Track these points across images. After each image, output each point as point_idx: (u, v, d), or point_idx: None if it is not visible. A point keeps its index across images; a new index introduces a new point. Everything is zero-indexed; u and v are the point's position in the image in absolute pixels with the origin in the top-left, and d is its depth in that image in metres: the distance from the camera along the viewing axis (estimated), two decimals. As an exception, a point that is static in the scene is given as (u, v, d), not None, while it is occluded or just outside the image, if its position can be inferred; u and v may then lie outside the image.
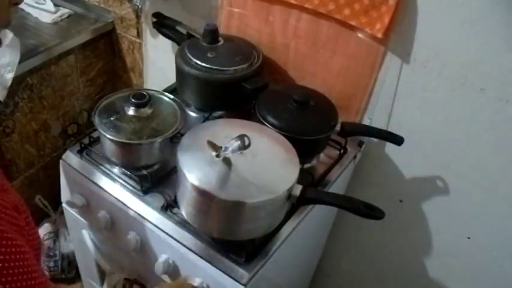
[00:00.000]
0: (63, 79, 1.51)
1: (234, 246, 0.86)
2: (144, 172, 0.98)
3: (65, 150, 1.06)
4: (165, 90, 1.15)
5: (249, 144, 0.78)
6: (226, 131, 0.86)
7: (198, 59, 1.08)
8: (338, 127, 1.04)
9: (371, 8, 0.98)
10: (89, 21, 1.54)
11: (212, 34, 1.13)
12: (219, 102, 1.14)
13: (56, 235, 1.68)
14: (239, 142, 0.78)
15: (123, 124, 0.95)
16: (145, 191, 0.96)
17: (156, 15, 1.30)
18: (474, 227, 1.12)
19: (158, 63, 1.54)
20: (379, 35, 0.99)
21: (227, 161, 0.81)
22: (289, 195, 0.84)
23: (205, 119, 1.14)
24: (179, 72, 1.12)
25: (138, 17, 1.48)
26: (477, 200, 1.08)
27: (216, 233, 0.86)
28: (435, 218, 1.19)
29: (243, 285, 0.83)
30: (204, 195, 0.79)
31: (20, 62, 1.31)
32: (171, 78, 1.19)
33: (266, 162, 0.84)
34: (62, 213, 1.56)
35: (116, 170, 1.01)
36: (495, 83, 0.93)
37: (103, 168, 1.02)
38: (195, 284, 0.88)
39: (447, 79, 0.98)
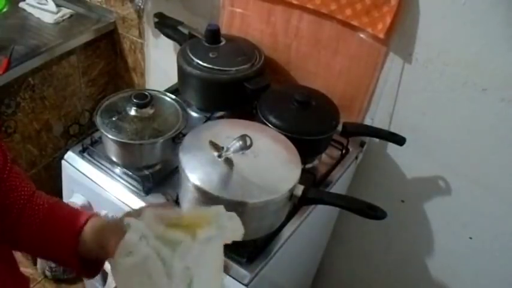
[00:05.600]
0: (65, 79, 1.51)
1: (236, 246, 0.85)
2: (146, 172, 0.98)
3: (66, 151, 1.06)
4: (167, 90, 1.15)
5: (251, 145, 0.78)
6: (228, 131, 0.86)
7: (199, 59, 1.08)
8: (340, 127, 1.04)
9: (373, 8, 0.98)
10: (91, 21, 1.54)
11: (214, 34, 1.13)
12: (221, 102, 1.14)
13: (57, 235, 1.68)
14: (241, 142, 0.78)
15: (124, 124, 0.95)
16: (147, 191, 0.96)
17: (158, 15, 1.30)
18: (476, 227, 1.12)
19: (160, 63, 1.54)
20: (381, 35, 0.99)
21: (229, 161, 0.81)
22: (291, 196, 0.83)
23: (207, 119, 1.14)
24: (181, 72, 1.12)
25: (139, 17, 1.48)
26: (479, 200, 1.08)
27: (217, 233, 0.86)
28: (437, 218, 1.19)
29: (245, 285, 0.83)
30: (205, 196, 0.79)
31: (21, 62, 1.32)
32: (173, 79, 1.19)
33: (268, 162, 0.84)
34: (63, 213, 1.56)
35: (117, 170, 1.01)
36: (497, 83, 0.92)
37: (105, 169, 1.02)
38: None
39: (449, 79, 0.98)
